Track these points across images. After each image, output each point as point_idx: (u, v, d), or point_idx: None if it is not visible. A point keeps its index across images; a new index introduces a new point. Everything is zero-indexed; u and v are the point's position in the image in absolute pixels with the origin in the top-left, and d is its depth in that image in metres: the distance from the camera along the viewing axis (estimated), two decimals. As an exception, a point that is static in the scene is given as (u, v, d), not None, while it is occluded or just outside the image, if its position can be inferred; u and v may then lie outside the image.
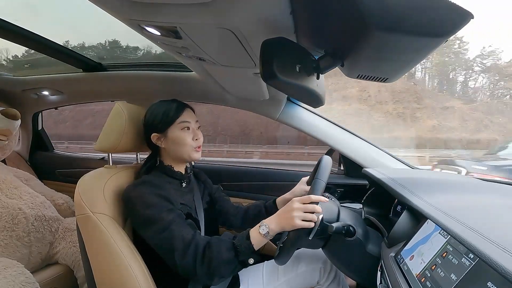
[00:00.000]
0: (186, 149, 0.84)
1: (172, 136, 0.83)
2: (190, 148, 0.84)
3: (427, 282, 0.47)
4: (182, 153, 0.84)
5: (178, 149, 0.84)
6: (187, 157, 0.85)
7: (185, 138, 0.83)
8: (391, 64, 0.53)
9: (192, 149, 0.84)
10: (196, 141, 0.85)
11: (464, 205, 0.62)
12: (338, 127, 1.27)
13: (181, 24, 0.57)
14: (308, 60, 0.57)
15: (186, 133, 0.84)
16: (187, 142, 0.83)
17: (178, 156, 0.86)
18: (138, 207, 0.74)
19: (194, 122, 0.87)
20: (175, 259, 0.68)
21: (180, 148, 0.84)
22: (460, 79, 13.39)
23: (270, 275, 0.91)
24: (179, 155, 0.85)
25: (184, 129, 0.84)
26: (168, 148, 0.85)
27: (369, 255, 0.73)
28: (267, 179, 1.41)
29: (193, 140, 0.85)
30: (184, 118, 0.84)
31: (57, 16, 1.01)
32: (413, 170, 1.20)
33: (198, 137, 0.86)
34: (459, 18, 0.38)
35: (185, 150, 0.84)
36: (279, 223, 0.69)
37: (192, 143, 0.84)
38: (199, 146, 0.86)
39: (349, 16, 0.44)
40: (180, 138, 0.83)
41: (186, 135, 0.83)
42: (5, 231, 1.12)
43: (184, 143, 0.83)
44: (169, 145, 0.85)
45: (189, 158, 0.85)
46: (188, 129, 0.84)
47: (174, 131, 0.83)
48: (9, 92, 1.58)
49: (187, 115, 0.85)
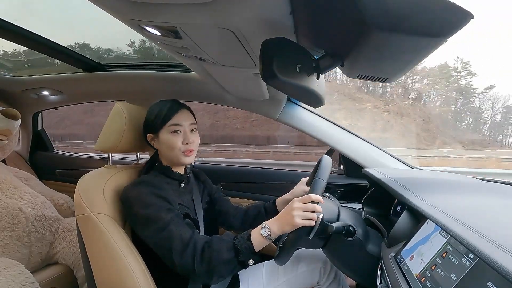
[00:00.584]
0: (174, 153, 0.82)
1: (162, 139, 0.83)
2: (179, 152, 0.82)
3: (427, 282, 0.47)
4: (172, 157, 0.83)
5: (168, 152, 0.83)
6: (176, 160, 0.84)
7: (174, 142, 0.81)
8: (391, 64, 0.53)
9: (180, 153, 0.82)
10: (186, 145, 0.82)
11: (464, 205, 0.62)
12: (338, 127, 1.27)
13: (181, 24, 0.57)
14: (308, 60, 0.57)
15: (175, 137, 0.81)
16: (175, 146, 0.81)
17: (169, 159, 0.85)
18: (137, 207, 0.74)
19: (188, 124, 0.84)
20: (174, 258, 0.68)
21: (169, 152, 0.83)
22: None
23: (270, 275, 0.91)
24: (169, 158, 0.85)
25: (173, 132, 0.82)
26: (161, 149, 0.85)
27: (369, 255, 0.73)
28: (267, 179, 1.41)
29: (183, 144, 0.82)
30: (175, 121, 0.81)
31: (57, 16, 1.01)
32: (413, 170, 1.20)
33: (190, 140, 0.83)
34: (459, 18, 0.38)
35: (174, 154, 0.82)
36: (280, 226, 0.69)
37: (180, 147, 0.82)
38: (190, 150, 0.83)
39: (349, 16, 0.44)
40: (169, 142, 0.81)
41: (175, 139, 0.81)
42: (5, 231, 1.12)
43: (172, 147, 0.81)
44: (160, 146, 0.85)
45: (178, 162, 0.84)
46: (178, 133, 0.82)
47: (164, 134, 0.82)
48: (9, 92, 1.58)
49: (180, 117, 0.82)
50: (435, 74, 13.32)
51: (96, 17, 0.89)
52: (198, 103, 1.39)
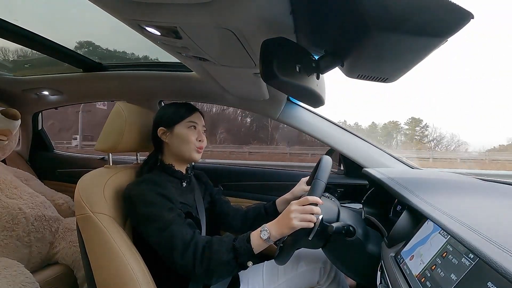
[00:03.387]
0: (188, 147, 0.86)
1: (178, 132, 0.86)
2: (193, 147, 0.86)
3: (427, 282, 0.47)
4: (184, 151, 0.86)
5: (181, 146, 0.86)
6: (188, 155, 0.86)
7: (190, 136, 0.86)
8: (391, 64, 0.53)
9: (194, 148, 0.86)
10: (199, 142, 0.88)
11: (464, 205, 0.62)
12: (338, 127, 1.27)
13: (181, 24, 0.57)
14: (308, 60, 0.57)
15: (192, 131, 0.87)
16: (191, 140, 0.86)
17: (179, 153, 0.87)
18: (139, 205, 0.74)
19: (201, 125, 0.91)
20: (175, 258, 0.68)
21: (183, 145, 0.86)
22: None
23: (270, 275, 0.91)
24: (181, 152, 0.87)
25: (191, 127, 0.87)
26: (172, 144, 0.87)
27: (369, 255, 0.73)
28: (267, 179, 1.41)
29: (197, 140, 0.87)
30: (193, 119, 0.87)
31: (57, 16, 1.01)
32: (413, 170, 1.20)
33: (202, 138, 0.89)
34: (459, 18, 0.38)
35: (188, 148, 0.86)
36: (279, 229, 0.69)
37: (195, 142, 0.86)
38: (201, 147, 0.89)
39: (349, 16, 0.44)
40: (185, 135, 0.86)
41: (191, 133, 0.86)
42: (5, 231, 1.12)
43: (188, 141, 0.85)
44: (173, 140, 0.86)
45: (189, 157, 0.87)
46: (194, 128, 0.87)
47: (181, 128, 0.86)
48: (9, 92, 1.57)
49: (196, 117, 0.89)
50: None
51: (96, 17, 0.89)
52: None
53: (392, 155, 1.25)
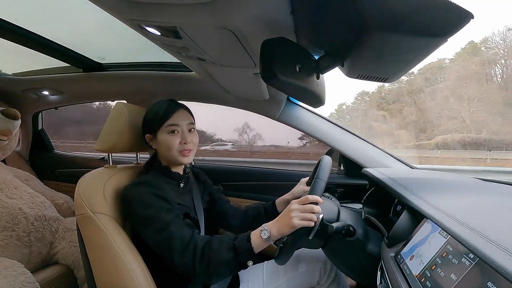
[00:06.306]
0: (172, 153, 0.82)
1: (160, 140, 0.83)
2: (176, 153, 0.82)
3: (427, 282, 0.47)
4: (170, 157, 0.84)
5: (166, 152, 0.83)
6: (175, 160, 0.84)
7: (171, 142, 0.81)
8: (391, 64, 0.53)
9: (178, 153, 0.82)
10: (183, 145, 0.82)
11: (464, 205, 0.62)
12: (338, 127, 1.27)
13: (181, 24, 0.57)
14: (308, 60, 0.57)
15: (172, 137, 0.82)
16: (172, 147, 0.81)
17: (168, 158, 0.85)
18: (137, 207, 0.74)
19: (186, 124, 0.84)
20: (174, 258, 0.68)
21: (167, 152, 0.83)
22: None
23: (270, 275, 0.91)
24: (169, 158, 0.85)
25: (171, 133, 0.82)
26: (159, 150, 0.86)
27: (369, 255, 0.73)
28: (267, 179, 1.41)
29: (181, 144, 0.82)
30: (172, 121, 0.82)
31: (58, 16, 1.02)
32: (413, 170, 1.20)
33: (187, 140, 0.83)
34: (459, 18, 0.38)
35: (171, 154, 0.82)
36: (279, 228, 0.68)
37: (178, 148, 0.82)
38: (188, 150, 0.83)
39: (349, 16, 0.44)
40: (166, 142, 0.82)
41: (172, 139, 0.81)
42: (5, 231, 1.12)
43: (170, 148, 0.82)
44: (159, 147, 0.85)
45: (177, 162, 0.84)
46: (175, 133, 0.82)
47: (162, 134, 0.82)
48: (9, 92, 1.57)
49: (177, 117, 0.83)
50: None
51: (96, 17, 0.89)
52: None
53: (392, 155, 1.25)
